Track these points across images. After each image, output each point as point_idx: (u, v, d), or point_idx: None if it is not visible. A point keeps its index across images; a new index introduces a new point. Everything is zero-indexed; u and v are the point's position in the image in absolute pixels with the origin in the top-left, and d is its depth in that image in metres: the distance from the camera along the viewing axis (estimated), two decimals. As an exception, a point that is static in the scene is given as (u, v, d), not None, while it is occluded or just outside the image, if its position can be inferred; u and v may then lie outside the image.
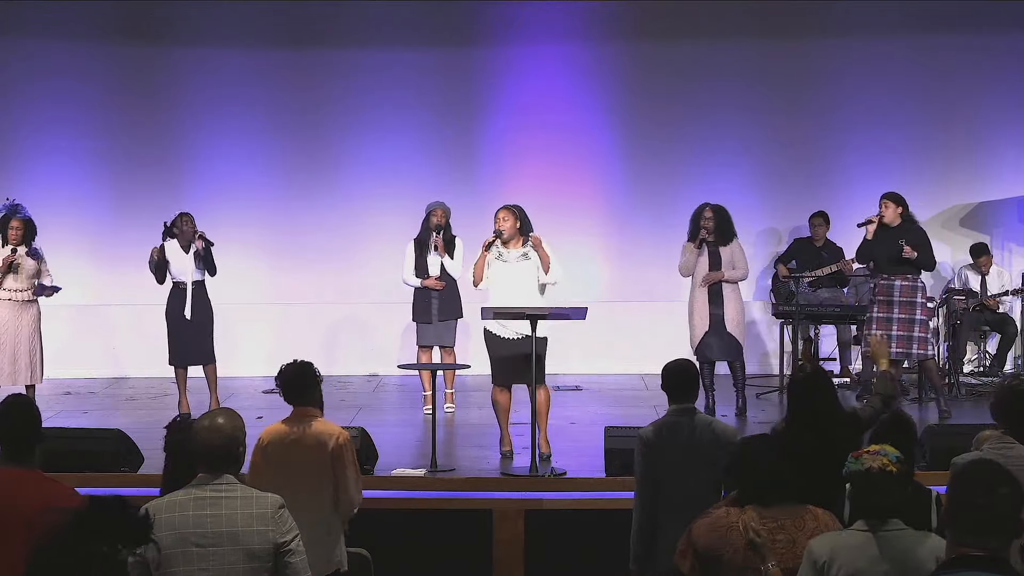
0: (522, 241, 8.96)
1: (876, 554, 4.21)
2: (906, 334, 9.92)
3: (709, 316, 10.24)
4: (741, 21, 12.94)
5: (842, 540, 4.31)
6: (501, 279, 8.87)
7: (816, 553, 4.28)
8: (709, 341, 10.24)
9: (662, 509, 5.95)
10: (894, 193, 10.12)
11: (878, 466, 4.32)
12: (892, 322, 9.92)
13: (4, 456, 4.84)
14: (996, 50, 12.97)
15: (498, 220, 8.97)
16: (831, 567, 4.22)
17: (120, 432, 8.42)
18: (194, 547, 4.31)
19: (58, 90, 12.98)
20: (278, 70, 13.09)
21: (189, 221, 10.37)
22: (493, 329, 8.84)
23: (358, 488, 6.24)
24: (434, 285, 10.59)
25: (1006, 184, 13.00)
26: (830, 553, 4.25)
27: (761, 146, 13.04)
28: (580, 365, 12.35)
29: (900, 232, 9.96)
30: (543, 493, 8.04)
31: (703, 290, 10.26)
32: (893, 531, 4.27)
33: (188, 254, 10.32)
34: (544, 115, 13.05)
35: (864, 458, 4.36)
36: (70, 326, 12.30)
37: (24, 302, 10.19)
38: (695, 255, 10.30)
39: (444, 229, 10.63)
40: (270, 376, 8.64)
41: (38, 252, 10.31)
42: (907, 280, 9.95)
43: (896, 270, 9.94)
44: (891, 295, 9.94)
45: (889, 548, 4.22)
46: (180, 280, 10.36)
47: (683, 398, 6.14)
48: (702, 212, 10.38)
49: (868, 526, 4.28)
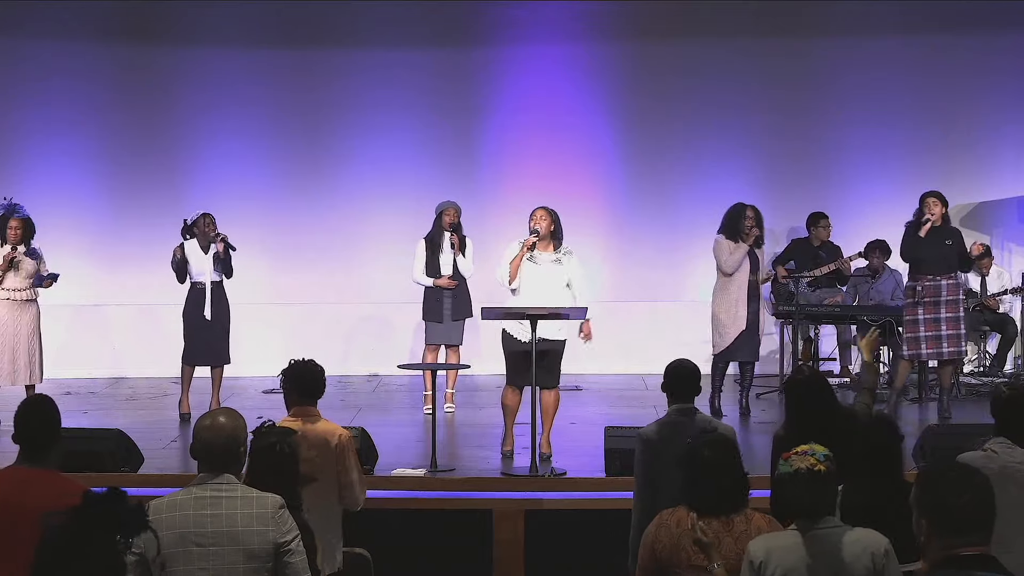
0: (554, 246, 8.91)
1: (807, 552, 4.34)
2: (955, 333, 9.98)
3: (748, 316, 10.22)
4: (741, 21, 12.94)
5: (776, 541, 4.44)
6: (530, 281, 8.81)
7: (753, 554, 4.40)
8: (741, 342, 10.23)
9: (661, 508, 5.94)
10: (938, 192, 10.11)
11: (806, 466, 4.41)
12: (940, 322, 9.94)
13: (21, 455, 4.88)
14: (996, 50, 12.98)
15: (535, 219, 8.90)
16: (767, 567, 4.34)
17: (120, 432, 8.42)
18: (194, 547, 4.31)
19: (58, 90, 12.98)
20: (278, 70, 13.09)
21: (210, 222, 10.38)
22: (511, 331, 8.79)
23: (362, 486, 6.24)
24: (447, 284, 10.56)
25: (1006, 184, 13.01)
26: (765, 553, 4.37)
27: (761, 146, 13.04)
28: (580, 365, 12.32)
29: (944, 232, 9.98)
30: (543, 493, 8.04)
31: (743, 290, 10.23)
32: (824, 529, 4.38)
33: (207, 255, 10.31)
34: (544, 115, 13.05)
35: (793, 459, 4.45)
36: (70, 326, 12.31)
37: (23, 301, 10.19)
38: (742, 253, 10.26)
39: (457, 228, 10.62)
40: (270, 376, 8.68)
41: (37, 252, 10.31)
42: (951, 279, 9.99)
43: (942, 270, 9.95)
44: (939, 295, 9.95)
45: (819, 546, 4.35)
46: (199, 280, 10.36)
47: (684, 398, 6.15)
48: (743, 211, 10.33)
49: (798, 526, 4.39)
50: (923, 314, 9.97)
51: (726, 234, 10.32)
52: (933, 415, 10.18)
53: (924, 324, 9.96)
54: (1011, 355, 12.34)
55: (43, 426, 4.92)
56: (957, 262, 10.04)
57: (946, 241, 9.96)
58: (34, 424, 4.92)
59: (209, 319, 10.33)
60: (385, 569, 6.84)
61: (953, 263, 10.01)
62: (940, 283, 9.97)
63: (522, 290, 8.81)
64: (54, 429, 4.94)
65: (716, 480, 4.81)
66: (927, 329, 9.93)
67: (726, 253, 10.28)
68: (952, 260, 9.99)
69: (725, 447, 4.97)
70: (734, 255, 10.24)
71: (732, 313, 10.23)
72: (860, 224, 12.47)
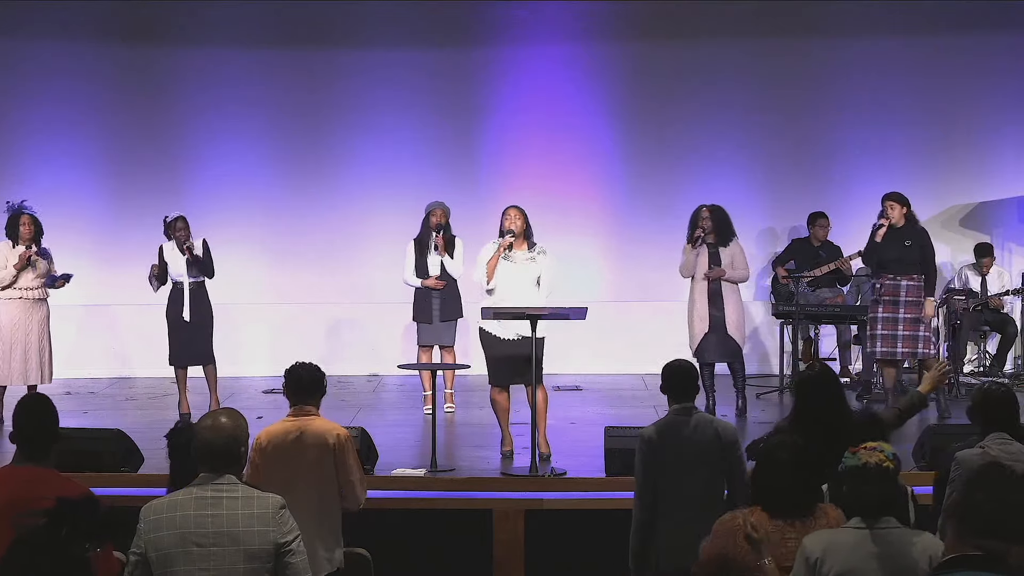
0: (527, 244, 8.94)
1: (869, 552, 4.20)
2: (912, 334, 9.93)
3: (709, 317, 10.24)
4: (741, 21, 12.94)
5: (835, 537, 4.30)
6: (505, 279, 8.85)
7: (809, 550, 4.26)
8: (708, 342, 10.25)
9: (661, 508, 5.95)
10: (897, 193, 10.11)
11: (875, 461, 4.31)
12: (898, 322, 9.92)
13: (20, 454, 4.88)
14: (996, 50, 12.97)
15: (509, 218, 8.93)
16: (823, 564, 4.20)
17: (120, 432, 8.41)
18: (195, 547, 4.31)
19: (58, 90, 12.97)
20: (278, 70, 13.09)
21: (182, 227, 10.34)
22: (491, 329, 8.82)
23: (363, 485, 6.24)
24: (434, 285, 10.59)
25: (1006, 184, 13.01)
26: (823, 550, 4.23)
27: (760, 146, 13.03)
28: (580, 365, 12.35)
29: (905, 233, 9.97)
30: (543, 493, 8.04)
31: (703, 291, 10.26)
32: (887, 529, 4.25)
33: (183, 257, 10.32)
34: (544, 115, 13.05)
35: (861, 453, 4.35)
36: (70, 326, 12.30)
37: (35, 300, 10.22)
38: (694, 256, 10.30)
39: (444, 228, 10.63)
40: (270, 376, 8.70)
41: (47, 251, 10.34)
42: (913, 280, 9.95)
43: (902, 270, 9.94)
44: (897, 295, 9.94)
45: (883, 546, 4.20)
46: (178, 281, 10.37)
47: (683, 397, 6.15)
48: (699, 213, 10.41)
49: (863, 523, 4.26)
50: (882, 313, 9.97)
51: (688, 238, 10.40)
52: (933, 415, 10.18)
53: (882, 323, 9.96)
54: (1011, 355, 12.34)
55: (43, 425, 4.93)
56: (919, 263, 9.98)
57: (905, 242, 9.94)
58: (34, 423, 4.93)
59: (188, 320, 10.31)
60: (385, 569, 6.84)
61: (914, 264, 9.96)
62: (900, 283, 9.94)
63: (498, 288, 8.84)
64: (54, 428, 4.95)
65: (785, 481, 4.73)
66: (884, 328, 9.94)
67: (682, 257, 10.34)
68: (912, 261, 9.94)
69: (791, 448, 4.89)
70: (687, 258, 10.33)
71: (694, 315, 10.29)
72: (860, 224, 12.43)
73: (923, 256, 9.99)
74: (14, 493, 4.70)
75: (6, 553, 3.56)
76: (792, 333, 11.47)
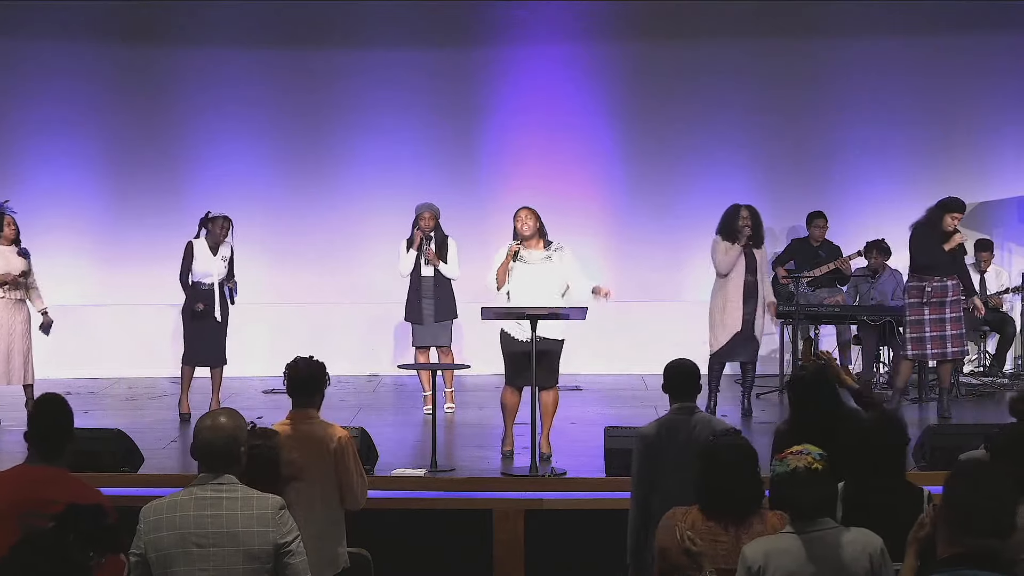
0: (543, 244, 8.92)
1: (808, 555, 4.29)
2: (959, 332, 10.07)
3: (743, 317, 10.21)
4: (741, 21, 12.94)
5: (774, 544, 4.38)
6: (521, 281, 8.81)
7: (750, 559, 4.34)
8: (736, 343, 10.22)
9: (659, 506, 5.94)
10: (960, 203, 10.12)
11: (803, 465, 4.38)
12: (945, 322, 10.00)
13: (35, 454, 4.89)
14: (996, 50, 12.97)
15: (519, 219, 8.91)
16: (766, 571, 4.28)
17: (120, 432, 8.41)
18: (195, 547, 4.31)
19: (58, 90, 12.97)
20: (278, 70, 13.09)
21: (226, 228, 10.34)
22: (510, 330, 8.80)
23: (363, 487, 6.23)
24: (434, 260, 10.50)
25: (1006, 184, 13.01)
26: (764, 558, 4.31)
27: (760, 146, 13.03)
28: (580, 365, 12.32)
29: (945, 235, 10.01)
30: (543, 493, 8.04)
31: (739, 290, 10.22)
32: (822, 531, 4.34)
33: (216, 256, 10.29)
34: (544, 115, 13.05)
35: (789, 459, 4.42)
36: (70, 326, 12.28)
37: (17, 301, 10.19)
38: (736, 254, 10.26)
39: (435, 231, 10.58)
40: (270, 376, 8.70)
41: (27, 251, 10.31)
42: (954, 279, 10.05)
43: (948, 272, 10.01)
44: (945, 296, 9.99)
45: (818, 548, 4.29)
46: (201, 281, 10.34)
47: (684, 397, 6.15)
48: (738, 212, 10.33)
49: (795, 528, 4.35)
50: (929, 314, 10.00)
51: (722, 235, 10.33)
52: (933, 415, 10.18)
53: (930, 324, 9.99)
54: (1011, 355, 12.34)
55: (59, 425, 4.93)
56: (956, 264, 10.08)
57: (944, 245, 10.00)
58: (49, 422, 4.93)
59: (219, 321, 10.32)
60: (385, 569, 6.83)
61: (952, 265, 10.03)
62: (947, 284, 10.01)
63: (515, 290, 8.82)
64: (69, 428, 4.96)
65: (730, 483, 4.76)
66: (933, 329, 9.98)
67: (720, 254, 10.29)
68: (958, 263, 10.08)
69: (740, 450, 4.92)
70: (728, 256, 10.24)
71: (727, 314, 10.23)
72: (860, 224, 12.48)
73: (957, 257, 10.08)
74: (25, 493, 4.71)
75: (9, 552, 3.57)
76: (792, 333, 11.48)
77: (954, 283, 10.02)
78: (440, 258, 10.53)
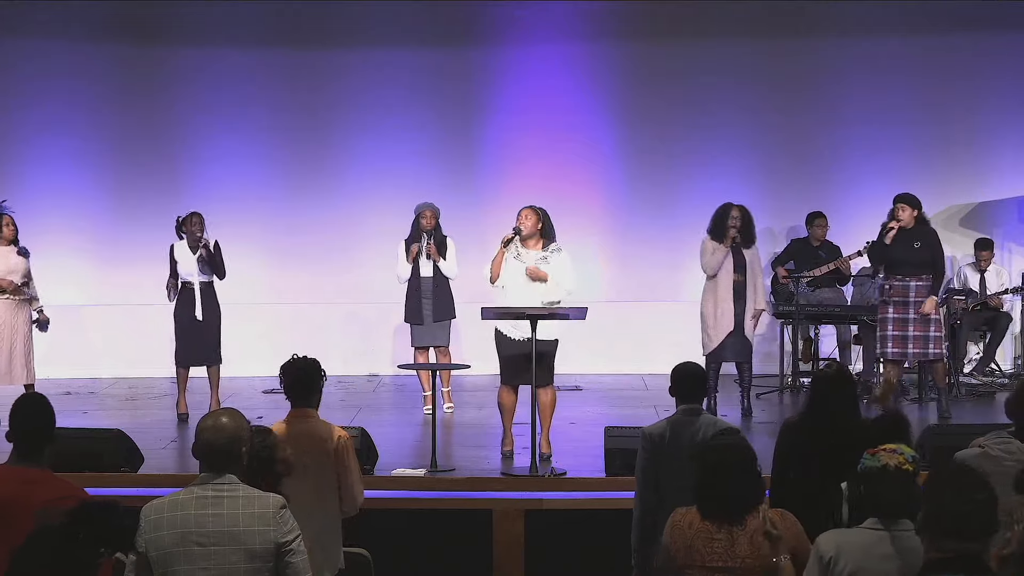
0: (543, 244, 8.93)
1: (884, 553, 4.19)
2: (923, 335, 9.92)
3: (734, 317, 10.20)
4: (741, 21, 12.93)
5: (850, 537, 4.30)
6: (514, 279, 8.84)
7: (822, 549, 4.27)
8: (728, 343, 10.21)
9: (663, 506, 5.95)
10: (908, 195, 10.07)
11: (895, 464, 4.30)
12: (908, 323, 9.92)
13: (15, 454, 4.88)
14: (995, 50, 12.97)
15: (520, 217, 8.95)
16: (837, 563, 4.20)
17: (120, 432, 8.42)
18: (195, 546, 4.32)
19: (58, 90, 12.97)
20: (278, 70, 13.09)
21: (197, 223, 10.35)
22: (504, 330, 8.82)
23: (360, 488, 6.23)
24: (435, 255, 10.52)
25: (1006, 184, 13.01)
26: (836, 549, 4.23)
27: (760, 146, 13.03)
28: (580, 365, 12.33)
29: (915, 234, 9.95)
30: (543, 493, 8.04)
31: (728, 290, 10.21)
32: (899, 532, 4.24)
33: (194, 255, 10.30)
34: (544, 115, 13.05)
35: (881, 455, 4.32)
36: (70, 326, 12.29)
37: (20, 301, 10.20)
38: (723, 254, 10.25)
39: (435, 231, 10.60)
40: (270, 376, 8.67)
41: (26, 250, 10.30)
42: (922, 281, 9.94)
43: (912, 271, 9.93)
44: (907, 296, 9.93)
45: (898, 547, 4.19)
46: (188, 281, 10.35)
47: (691, 399, 6.16)
48: (728, 212, 10.31)
49: (880, 524, 4.25)
50: (892, 314, 9.95)
51: (712, 234, 10.34)
52: (933, 415, 10.18)
53: (892, 324, 9.95)
54: (1011, 355, 12.33)
55: (37, 425, 4.92)
56: (930, 264, 9.96)
57: (915, 243, 9.93)
58: (31, 423, 4.92)
59: (200, 319, 10.31)
60: (385, 569, 6.83)
61: (923, 265, 9.94)
62: (909, 284, 9.93)
63: (508, 288, 8.85)
64: (48, 428, 4.94)
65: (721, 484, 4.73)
66: (894, 329, 9.93)
67: (707, 254, 10.30)
68: (921, 262, 9.92)
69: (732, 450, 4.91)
70: (714, 256, 10.24)
71: (718, 314, 10.22)
72: (860, 224, 12.45)
73: (933, 257, 9.98)
74: (5, 493, 4.70)
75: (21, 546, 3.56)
76: (792, 333, 11.48)
77: (920, 283, 9.91)
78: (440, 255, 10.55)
